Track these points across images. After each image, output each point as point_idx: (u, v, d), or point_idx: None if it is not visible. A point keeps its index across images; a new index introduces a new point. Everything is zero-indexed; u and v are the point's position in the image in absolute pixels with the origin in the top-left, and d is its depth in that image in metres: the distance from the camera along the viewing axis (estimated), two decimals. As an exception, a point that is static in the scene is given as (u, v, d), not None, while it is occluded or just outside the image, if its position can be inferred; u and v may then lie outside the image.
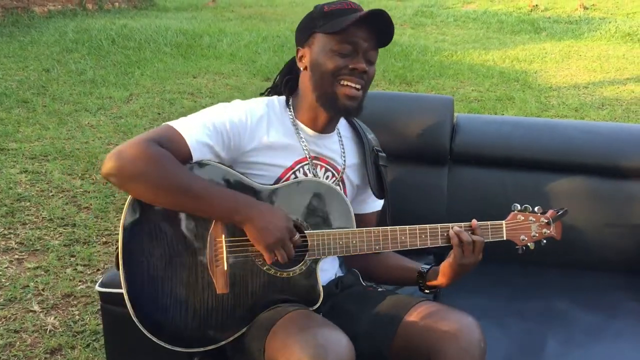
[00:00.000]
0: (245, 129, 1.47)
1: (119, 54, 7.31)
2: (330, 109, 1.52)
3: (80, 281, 2.73)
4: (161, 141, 1.37)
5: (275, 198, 1.48)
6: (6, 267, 2.82)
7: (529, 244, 1.61)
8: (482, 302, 1.87)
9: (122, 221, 1.41)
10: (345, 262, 1.72)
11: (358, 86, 1.48)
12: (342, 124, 1.68)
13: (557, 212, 1.62)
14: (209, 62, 7.27)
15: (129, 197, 1.41)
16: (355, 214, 1.59)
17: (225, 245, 1.42)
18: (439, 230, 1.52)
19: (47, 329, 2.40)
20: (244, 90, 6.14)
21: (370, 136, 1.69)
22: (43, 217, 3.31)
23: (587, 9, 12.73)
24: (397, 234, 1.52)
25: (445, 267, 1.55)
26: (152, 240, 1.41)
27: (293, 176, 1.53)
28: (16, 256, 2.93)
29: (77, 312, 2.51)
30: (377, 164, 1.64)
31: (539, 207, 1.62)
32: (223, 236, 1.42)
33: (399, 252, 1.62)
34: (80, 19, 9.49)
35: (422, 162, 2.16)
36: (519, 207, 1.60)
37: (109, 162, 1.35)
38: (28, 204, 3.46)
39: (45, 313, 2.50)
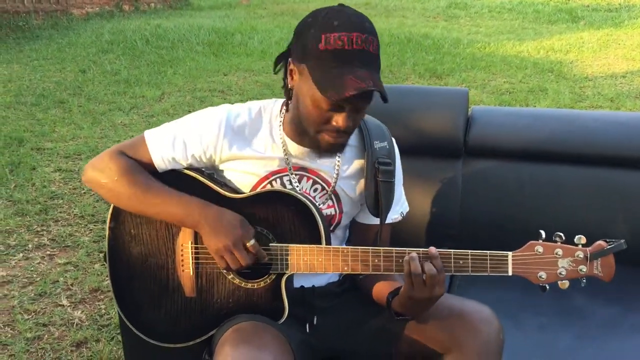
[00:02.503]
0: (217, 142, 1.44)
1: (152, 53, 7.45)
2: (312, 148, 1.43)
3: (107, 276, 2.79)
4: (128, 155, 1.48)
5: (243, 207, 1.42)
6: (38, 263, 2.92)
7: (559, 282, 1.30)
8: (496, 294, 1.84)
9: (107, 220, 1.51)
10: None
11: (340, 138, 1.38)
12: None
13: (607, 245, 1.28)
14: (239, 60, 7.34)
15: None
16: (358, 223, 1.59)
17: (192, 251, 1.46)
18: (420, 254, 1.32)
19: (74, 323, 2.48)
20: (274, 87, 6.18)
21: (380, 145, 1.53)
22: (75, 214, 3.42)
23: (628, -5, 12.38)
24: (369, 255, 1.37)
25: (400, 297, 1.37)
26: (132, 240, 1.50)
27: (269, 186, 1.46)
28: (48, 252, 3.03)
29: (103, 307, 2.59)
30: (377, 179, 1.49)
31: (581, 236, 1.29)
32: (190, 242, 1.46)
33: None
34: (117, 20, 9.70)
35: (436, 156, 2.14)
36: (544, 236, 1.31)
37: (85, 171, 1.50)
38: (61, 201, 3.58)
39: (73, 307, 2.59)
